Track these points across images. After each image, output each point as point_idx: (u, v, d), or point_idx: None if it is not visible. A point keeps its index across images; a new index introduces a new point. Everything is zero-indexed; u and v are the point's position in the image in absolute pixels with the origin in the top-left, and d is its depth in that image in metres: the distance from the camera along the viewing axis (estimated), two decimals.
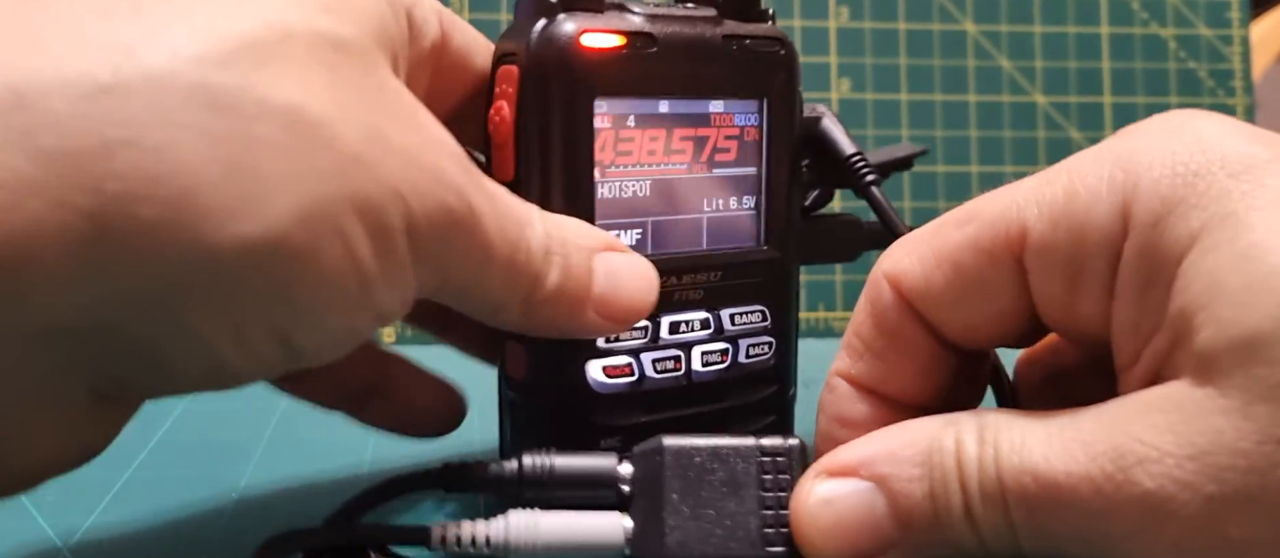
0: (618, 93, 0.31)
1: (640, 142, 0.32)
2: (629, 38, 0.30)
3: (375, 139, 0.22)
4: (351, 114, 0.22)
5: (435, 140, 0.24)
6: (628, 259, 0.29)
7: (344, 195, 0.21)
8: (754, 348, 0.34)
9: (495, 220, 0.25)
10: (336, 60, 0.22)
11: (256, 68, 0.20)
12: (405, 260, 0.23)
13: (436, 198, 0.23)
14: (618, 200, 0.31)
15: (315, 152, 0.21)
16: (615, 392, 0.32)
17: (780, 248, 0.34)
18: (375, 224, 0.22)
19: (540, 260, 0.26)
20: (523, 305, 0.27)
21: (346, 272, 0.21)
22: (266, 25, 0.21)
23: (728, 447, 0.26)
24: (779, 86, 0.33)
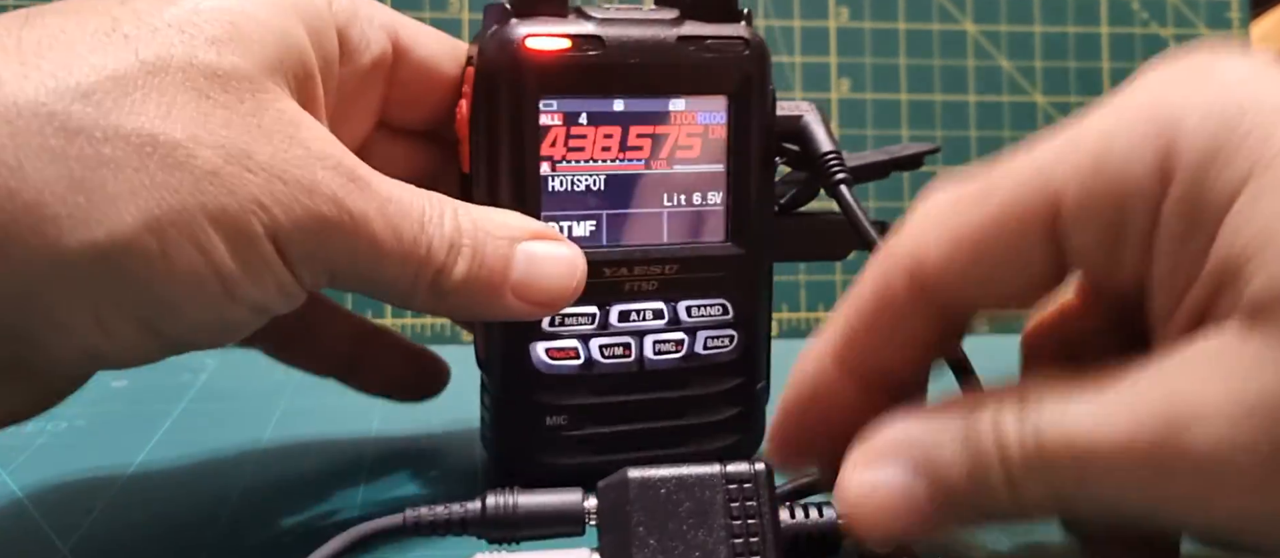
0: (565, 92, 0.32)
1: (593, 138, 0.33)
2: (575, 40, 0.32)
3: (236, 158, 0.25)
4: (214, 137, 0.25)
5: (313, 155, 0.26)
6: (551, 247, 0.31)
7: (197, 206, 0.24)
8: (713, 340, 0.35)
9: (384, 220, 0.27)
10: (210, 88, 0.26)
11: (116, 99, 0.24)
12: (272, 262, 0.26)
13: (304, 206, 0.26)
14: (569, 194, 0.33)
15: (168, 170, 0.24)
16: (561, 374, 0.33)
17: (746, 244, 0.35)
18: (233, 232, 0.25)
19: (443, 252, 0.29)
20: (430, 292, 0.29)
21: (203, 272, 0.25)
22: (139, 62, 0.25)
23: (693, 476, 0.26)
24: (743, 85, 0.34)
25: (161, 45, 0.25)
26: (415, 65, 0.34)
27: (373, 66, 0.33)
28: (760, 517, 0.26)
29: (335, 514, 0.33)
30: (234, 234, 0.25)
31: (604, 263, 0.33)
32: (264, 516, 0.33)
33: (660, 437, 0.35)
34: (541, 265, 0.30)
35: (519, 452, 0.34)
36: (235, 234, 0.25)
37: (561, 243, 0.31)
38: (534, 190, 0.32)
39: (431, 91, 0.35)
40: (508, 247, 0.30)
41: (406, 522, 0.26)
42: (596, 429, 0.34)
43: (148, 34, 0.25)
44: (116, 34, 0.25)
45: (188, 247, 0.24)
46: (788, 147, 0.36)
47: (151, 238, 0.24)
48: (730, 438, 0.36)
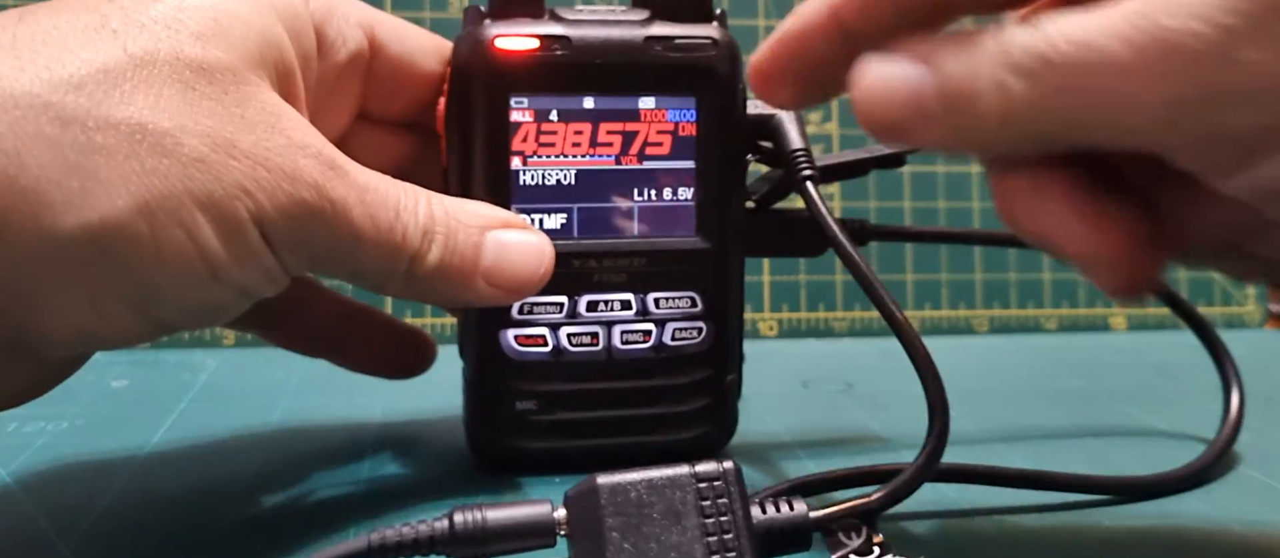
0: (534, 90, 0.34)
1: (564, 134, 0.34)
2: (543, 41, 0.33)
3: (221, 146, 0.26)
4: (200, 126, 0.26)
5: (294, 144, 0.28)
6: (520, 235, 0.32)
7: (185, 192, 0.25)
8: (682, 331, 0.36)
9: (363, 208, 0.29)
10: (196, 80, 0.27)
11: (106, 90, 0.25)
12: (258, 247, 0.27)
13: (287, 193, 0.27)
14: (540, 188, 0.34)
15: (156, 156, 0.25)
16: (530, 360, 0.35)
17: (714, 239, 0.36)
18: (221, 216, 0.26)
19: (418, 238, 0.30)
20: (406, 278, 0.30)
21: (191, 256, 0.26)
22: (127, 56, 0.26)
23: (663, 478, 0.26)
24: (712, 83, 0.35)
25: (149, 40, 0.27)
26: (392, 59, 0.36)
27: (350, 61, 0.34)
28: (733, 514, 0.26)
29: (336, 511, 0.33)
30: (220, 219, 0.26)
31: (572, 255, 0.35)
32: (265, 514, 0.33)
33: (629, 425, 0.36)
34: (511, 252, 0.31)
35: (491, 436, 0.36)
36: (222, 219, 0.26)
37: (530, 231, 0.32)
38: (505, 184, 0.34)
39: (408, 84, 0.36)
40: (479, 234, 0.31)
41: (371, 545, 0.25)
42: (566, 415, 0.35)
43: (135, 30, 0.27)
44: (105, 30, 0.26)
45: (176, 230, 0.25)
46: (763, 145, 0.37)
47: (142, 221, 0.25)
48: (700, 428, 0.37)
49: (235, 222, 0.26)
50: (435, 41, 0.37)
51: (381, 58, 0.35)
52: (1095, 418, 0.46)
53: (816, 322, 0.65)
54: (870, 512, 0.28)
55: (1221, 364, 0.43)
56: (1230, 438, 0.40)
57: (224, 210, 0.26)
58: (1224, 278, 0.68)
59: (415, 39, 0.36)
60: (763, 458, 0.39)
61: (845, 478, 0.33)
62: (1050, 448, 0.41)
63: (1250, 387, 0.42)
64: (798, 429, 0.43)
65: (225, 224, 0.26)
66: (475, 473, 0.36)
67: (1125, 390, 0.50)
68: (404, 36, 0.36)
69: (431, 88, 0.36)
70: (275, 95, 0.29)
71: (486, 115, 0.33)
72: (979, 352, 0.61)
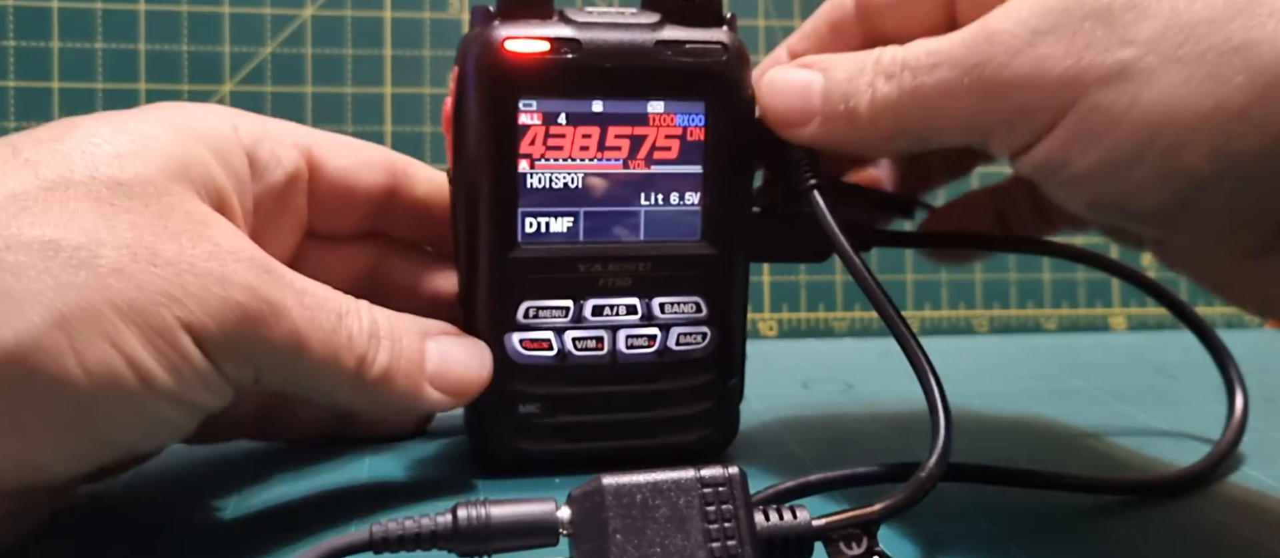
0: (543, 93, 0.33)
1: (572, 138, 0.34)
2: (553, 43, 0.33)
3: (143, 255, 0.26)
4: (119, 237, 0.26)
5: (223, 250, 0.27)
6: (460, 341, 0.33)
7: (104, 301, 0.25)
8: (686, 336, 0.36)
9: (304, 312, 0.29)
10: (113, 196, 0.27)
11: (15, 214, 0.25)
12: (191, 355, 0.26)
13: (218, 297, 0.27)
14: (547, 191, 0.34)
15: (72, 270, 0.25)
16: (535, 364, 0.35)
17: (720, 244, 0.36)
18: (146, 325, 0.25)
19: (364, 342, 0.30)
20: (355, 386, 0.30)
21: (117, 366, 0.25)
22: (38, 180, 0.26)
23: (668, 481, 0.26)
24: (721, 88, 0.35)
25: (62, 164, 0.26)
26: (332, 177, 0.36)
27: (288, 182, 0.34)
28: (737, 520, 0.26)
29: (337, 511, 0.33)
30: (146, 327, 0.25)
31: (578, 259, 0.35)
32: (266, 514, 0.33)
33: (632, 428, 0.36)
34: (453, 356, 0.33)
35: (493, 438, 0.36)
36: (148, 327, 0.25)
37: (468, 338, 0.34)
38: (512, 187, 0.34)
39: (352, 200, 0.37)
40: (420, 340, 0.32)
41: (374, 537, 0.25)
42: (569, 418, 0.35)
43: (49, 156, 0.27)
44: (17, 159, 0.26)
45: (98, 341, 0.25)
46: (770, 148, 0.37)
47: (60, 335, 0.24)
48: (702, 432, 0.37)
49: (163, 329, 0.26)
50: (376, 153, 0.37)
51: (321, 176, 0.36)
52: (1095, 418, 0.46)
53: (816, 322, 0.65)
54: (871, 522, 0.28)
55: (1224, 366, 0.43)
56: (1234, 439, 0.40)
57: (150, 318, 0.25)
58: None
59: (354, 154, 0.37)
60: (763, 458, 0.39)
61: (845, 480, 0.33)
62: (1050, 448, 0.41)
63: (1250, 387, 0.42)
64: (798, 429, 0.43)
65: (153, 333, 0.25)
66: (476, 475, 0.36)
67: (1125, 390, 0.51)
68: (342, 152, 0.36)
69: (375, 201, 0.37)
70: (203, 205, 0.29)
71: (494, 117, 0.33)
72: (979, 352, 0.61)
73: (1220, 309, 0.68)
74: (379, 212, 0.38)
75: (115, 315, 0.25)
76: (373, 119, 0.63)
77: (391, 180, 0.37)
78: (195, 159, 0.29)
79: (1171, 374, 0.54)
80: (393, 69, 0.63)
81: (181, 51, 0.61)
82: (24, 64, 0.60)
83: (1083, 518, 0.33)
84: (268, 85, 0.62)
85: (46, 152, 0.27)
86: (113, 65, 0.60)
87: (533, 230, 0.34)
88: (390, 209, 0.38)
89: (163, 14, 0.61)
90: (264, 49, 0.62)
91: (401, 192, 0.38)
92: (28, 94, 0.59)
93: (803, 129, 0.33)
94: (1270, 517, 0.34)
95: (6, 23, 0.59)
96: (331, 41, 0.62)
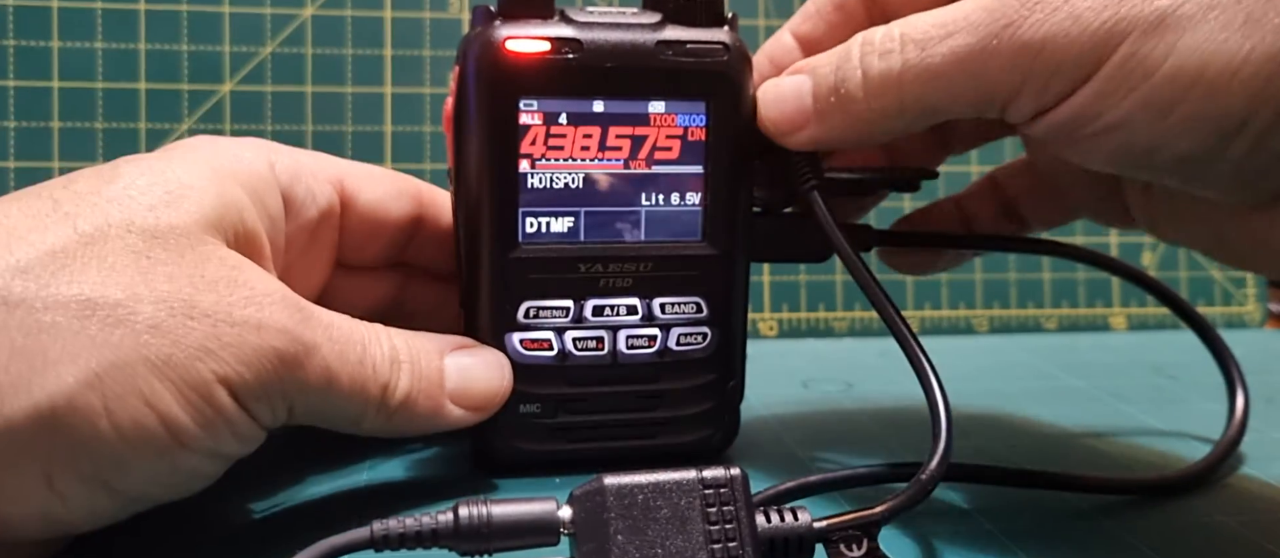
0: (544, 93, 0.33)
1: (573, 138, 0.34)
2: (554, 43, 0.33)
3: (180, 309, 0.26)
4: (156, 292, 0.26)
5: (259, 295, 0.28)
6: (478, 355, 0.34)
7: (140, 360, 0.25)
8: (686, 336, 0.36)
9: (333, 347, 0.29)
10: (150, 248, 0.27)
11: (54, 271, 0.25)
12: (225, 407, 0.27)
13: (255, 346, 0.27)
14: (547, 191, 0.34)
15: (108, 329, 0.25)
16: (535, 364, 0.35)
17: (722, 245, 0.36)
18: (181, 381, 0.26)
19: (387, 369, 0.31)
20: (380, 413, 0.31)
21: (149, 424, 0.25)
22: (77, 235, 0.26)
23: (670, 482, 0.26)
24: (722, 89, 0.35)
25: (99, 216, 0.27)
26: (361, 211, 0.36)
27: (322, 218, 0.35)
28: (738, 522, 0.26)
29: (337, 511, 0.33)
30: (182, 384, 0.26)
31: (579, 259, 0.35)
32: (265, 515, 0.33)
33: (632, 428, 0.36)
34: (472, 372, 0.33)
35: (493, 438, 0.36)
36: (183, 383, 0.26)
37: (485, 349, 0.34)
38: (512, 187, 0.34)
39: (380, 232, 0.37)
40: (439, 358, 0.32)
41: (374, 535, 0.25)
42: (569, 418, 0.35)
43: (87, 209, 0.27)
44: (57, 213, 0.27)
45: (131, 400, 0.25)
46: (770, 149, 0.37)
47: (93, 394, 0.25)
48: (702, 432, 0.37)
49: (197, 384, 0.26)
50: (406, 184, 0.38)
51: (352, 209, 0.36)
52: (1095, 418, 0.46)
53: (816, 322, 0.65)
54: (872, 523, 0.28)
55: (1225, 365, 0.43)
56: (1236, 439, 0.40)
57: (186, 375, 0.26)
58: (1223, 278, 0.69)
59: (384, 185, 0.37)
60: (763, 458, 0.39)
61: (846, 480, 0.33)
62: (1050, 448, 0.41)
63: (1250, 387, 0.42)
64: (798, 429, 0.43)
65: (188, 389, 0.26)
66: (476, 475, 0.36)
67: (1125, 390, 0.51)
68: (373, 185, 0.37)
69: (403, 232, 0.38)
70: (233, 252, 0.29)
71: (495, 117, 0.33)
72: (979, 352, 0.61)
73: (1221, 309, 0.68)
74: (406, 241, 0.38)
75: (150, 373, 0.25)
76: (373, 119, 0.62)
77: (419, 210, 0.38)
78: (230, 204, 0.30)
79: (1171, 374, 0.54)
80: (393, 69, 0.63)
81: (181, 51, 0.61)
82: (24, 64, 0.59)
83: (1083, 518, 0.33)
84: (268, 85, 0.62)
85: (86, 205, 0.27)
86: (113, 65, 0.60)
87: (533, 230, 0.34)
88: (416, 239, 0.38)
89: (163, 14, 0.61)
90: (264, 49, 0.62)
91: (428, 221, 0.38)
92: (28, 94, 0.59)
93: (801, 133, 0.34)
94: (1271, 517, 0.34)
95: (6, 23, 0.59)
96: (331, 41, 0.62)
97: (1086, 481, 0.35)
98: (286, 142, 0.35)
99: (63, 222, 0.26)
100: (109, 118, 0.60)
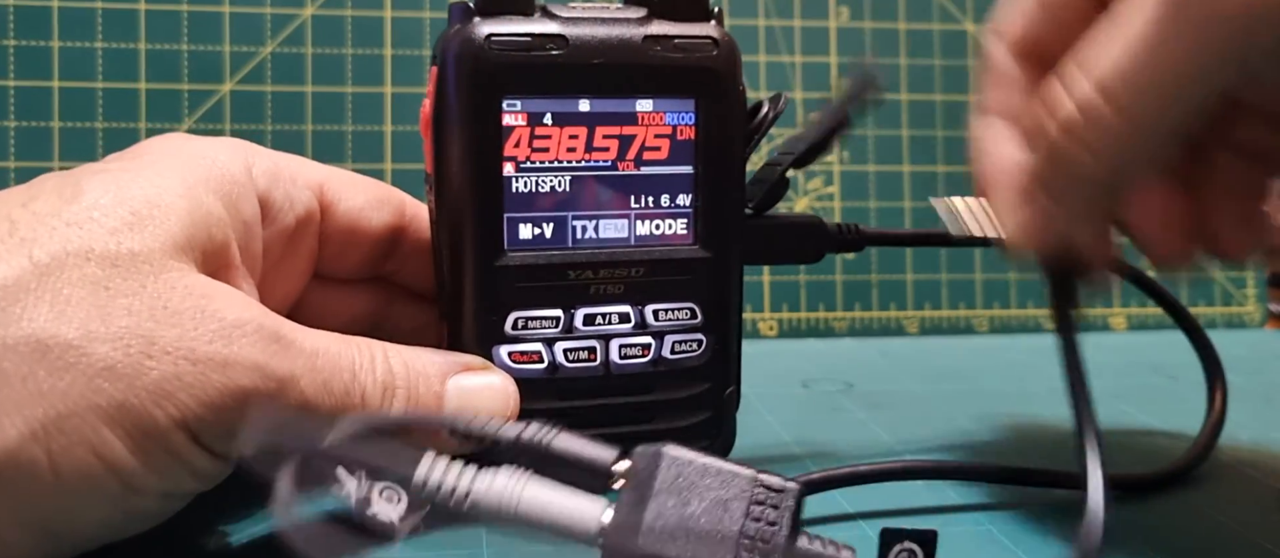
0: (528, 92, 0.31)
1: (558, 139, 0.32)
2: (537, 39, 0.31)
3: (136, 348, 0.24)
4: (113, 328, 0.24)
5: (227, 326, 0.25)
6: (482, 378, 0.31)
7: (88, 407, 0.23)
8: (681, 344, 0.34)
9: (314, 377, 0.26)
10: (110, 278, 0.24)
11: (5, 307, 0.23)
12: (182, 449, 0.24)
13: (220, 385, 0.25)
14: (533, 195, 0.32)
15: (56, 374, 0.23)
16: (524, 377, 0.32)
17: (714, 247, 0.33)
18: (133, 427, 0.24)
19: (378, 397, 0.28)
20: None
21: (97, 473, 0.23)
22: (32, 264, 0.24)
23: (727, 470, 0.25)
24: (712, 85, 0.32)
25: (58, 243, 0.24)
26: (342, 218, 0.34)
27: (300, 224, 0.33)
28: (778, 531, 0.24)
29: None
30: (134, 429, 0.24)
31: (568, 266, 0.32)
32: (252, 536, 0.31)
33: (626, 440, 0.34)
34: (474, 398, 0.30)
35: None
36: (135, 429, 0.24)
37: (491, 372, 0.31)
38: (496, 191, 0.31)
39: (360, 242, 0.35)
40: (439, 383, 0.29)
41: (447, 425, 0.25)
42: None
43: (45, 234, 0.25)
44: (13, 238, 0.24)
45: (78, 450, 0.23)
46: None
47: (36, 447, 0.23)
48: (698, 443, 0.34)
49: (149, 428, 0.24)
50: (385, 192, 0.35)
51: (332, 216, 0.34)
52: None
53: (816, 322, 0.63)
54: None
55: (1206, 360, 0.41)
56: (1213, 434, 0.38)
57: (137, 419, 0.24)
58: (1223, 278, 0.67)
59: (366, 193, 0.35)
60: (762, 459, 0.37)
61: (845, 479, 0.32)
62: (1050, 448, 0.40)
63: (1249, 387, 0.41)
64: (798, 429, 0.41)
65: (139, 434, 0.24)
66: None
67: (1124, 390, 0.49)
68: (353, 193, 0.34)
69: (384, 242, 0.35)
70: (203, 278, 0.26)
71: (476, 118, 0.31)
72: (979, 352, 0.59)
73: (1221, 309, 0.66)
74: (386, 253, 0.36)
75: (100, 420, 0.23)
76: (373, 119, 0.60)
77: (401, 221, 0.35)
78: (200, 221, 0.27)
79: (1171, 374, 0.52)
80: (393, 69, 0.61)
81: (181, 51, 0.59)
82: (24, 64, 0.57)
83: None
84: (268, 85, 0.59)
85: (43, 230, 0.25)
86: (113, 65, 0.58)
87: (519, 237, 0.32)
88: (397, 251, 0.36)
89: (163, 14, 0.59)
90: (264, 49, 0.60)
91: (409, 233, 0.36)
92: (28, 94, 0.57)
93: (1077, 229, 0.29)
94: (1269, 515, 0.33)
95: (6, 22, 0.57)
96: (331, 41, 0.60)
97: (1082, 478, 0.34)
98: (287, 141, 0.34)
99: (18, 249, 0.24)
100: (109, 118, 0.58)
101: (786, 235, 0.36)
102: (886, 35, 0.64)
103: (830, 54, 0.64)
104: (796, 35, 0.63)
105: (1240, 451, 0.39)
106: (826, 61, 0.63)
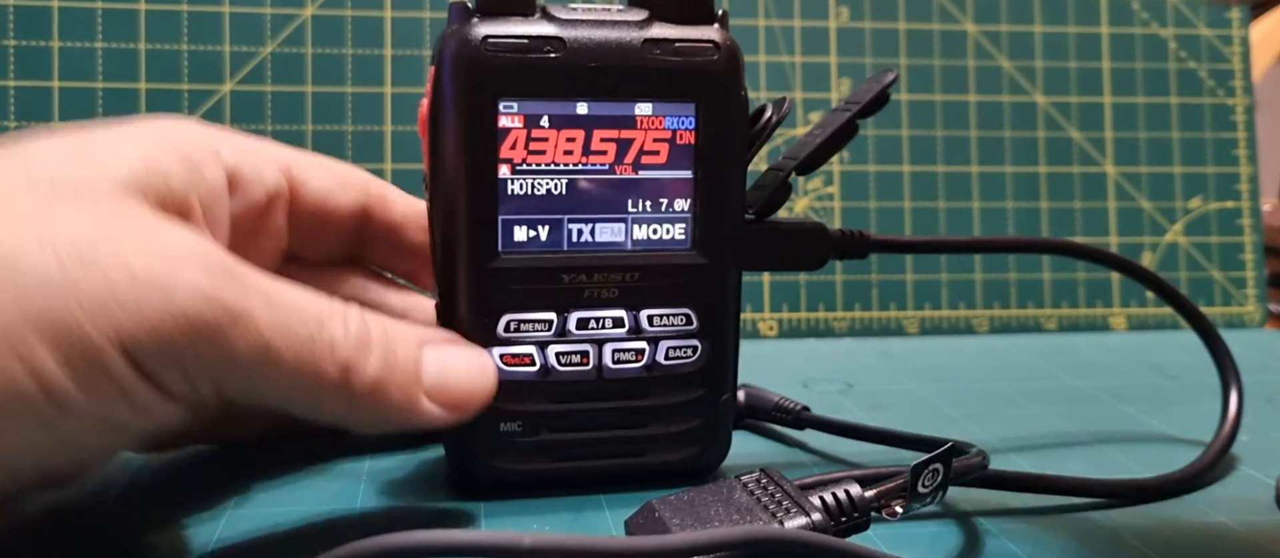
0: (525, 94, 0.30)
1: (555, 141, 0.31)
2: (535, 41, 0.30)
3: (71, 263, 0.22)
4: (50, 241, 0.22)
5: (172, 254, 0.24)
6: (461, 351, 0.29)
7: (20, 319, 0.22)
8: (676, 349, 0.33)
9: (273, 316, 0.25)
10: (51, 201, 0.23)
11: None
12: (119, 373, 0.23)
13: (160, 308, 0.23)
14: (529, 198, 0.31)
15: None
16: (515, 380, 0.31)
17: (713, 253, 0.33)
18: (66, 343, 0.22)
19: (350, 350, 0.26)
20: (341, 398, 0.26)
21: (24, 386, 0.22)
22: None
23: (711, 487, 0.28)
24: (712, 89, 0.32)
25: (3, 166, 0.24)
26: (310, 199, 0.33)
27: (269, 200, 0.32)
28: (783, 490, 0.27)
29: (309, 531, 0.31)
30: (65, 344, 0.22)
31: (563, 269, 0.31)
32: (245, 535, 0.31)
33: (618, 446, 0.33)
34: (453, 368, 0.29)
35: (471, 457, 0.32)
36: (66, 344, 0.22)
37: (470, 347, 0.30)
38: (492, 193, 0.31)
39: (329, 222, 0.34)
40: (417, 349, 0.28)
41: None
42: (552, 437, 0.32)
43: None
44: None
45: (7, 360, 0.22)
46: None
47: None
48: (692, 450, 0.34)
49: (83, 346, 0.22)
50: (354, 175, 0.35)
51: (301, 197, 0.33)
52: (1095, 418, 0.44)
53: (816, 322, 0.62)
54: None
55: (1221, 363, 0.40)
56: (1228, 440, 0.38)
57: (71, 335, 0.22)
58: (1223, 278, 0.66)
59: (332, 175, 0.34)
60: (762, 459, 0.37)
61: (846, 478, 0.31)
62: (1050, 449, 0.40)
63: (1250, 387, 0.40)
64: (797, 429, 0.40)
65: (71, 351, 0.22)
66: (453, 497, 0.33)
67: (1125, 390, 0.48)
68: (321, 174, 0.34)
69: (351, 223, 0.35)
70: (153, 211, 0.25)
71: (473, 120, 0.30)
72: (979, 352, 0.58)
73: (1221, 309, 0.65)
74: (355, 235, 0.35)
75: (30, 330, 0.22)
76: (373, 119, 0.60)
77: (366, 200, 0.35)
78: (156, 171, 0.26)
79: (1171, 374, 0.52)
80: (393, 69, 0.60)
81: (181, 51, 0.58)
82: (24, 64, 0.57)
83: (1082, 519, 0.32)
84: (268, 85, 0.59)
85: None
86: (113, 65, 0.58)
87: (514, 239, 0.31)
88: (366, 233, 0.35)
89: (163, 14, 0.58)
90: (264, 49, 0.59)
91: (377, 215, 0.35)
92: (28, 94, 0.57)
93: None
94: (1271, 518, 0.33)
95: (6, 22, 0.57)
96: (331, 41, 0.60)
97: (1086, 483, 0.34)
98: (287, 142, 0.33)
99: None
100: (109, 118, 0.58)
101: (788, 242, 0.35)
102: (886, 35, 0.63)
103: (830, 54, 0.63)
104: (796, 35, 0.62)
105: (1241, 451, 0.38)
106: (826, 62, 0.63)
